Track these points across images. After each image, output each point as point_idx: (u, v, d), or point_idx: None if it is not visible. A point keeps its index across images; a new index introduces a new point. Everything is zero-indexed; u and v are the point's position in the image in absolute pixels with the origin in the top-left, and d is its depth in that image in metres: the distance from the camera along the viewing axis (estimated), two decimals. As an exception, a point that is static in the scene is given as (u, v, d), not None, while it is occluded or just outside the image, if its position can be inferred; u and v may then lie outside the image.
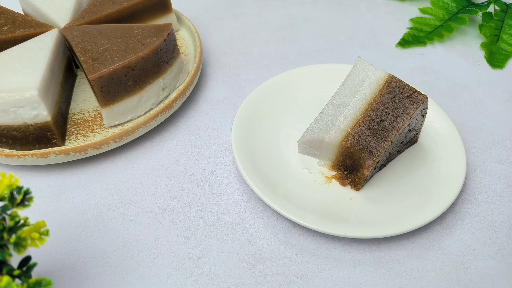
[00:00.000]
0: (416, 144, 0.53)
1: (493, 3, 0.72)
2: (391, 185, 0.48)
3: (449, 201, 0.45)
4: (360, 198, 0.47)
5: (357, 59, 0.50)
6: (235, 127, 0.52)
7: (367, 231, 0.43)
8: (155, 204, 0.48)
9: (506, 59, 0.68)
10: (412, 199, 0.46)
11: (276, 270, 0.43)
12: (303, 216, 0.44)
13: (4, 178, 0.31)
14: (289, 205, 0.45)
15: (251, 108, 0.55)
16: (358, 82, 0.49)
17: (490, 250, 0.44)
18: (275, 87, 0.58)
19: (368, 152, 0.45)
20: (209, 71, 0.65)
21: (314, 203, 0.46)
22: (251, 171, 0.47)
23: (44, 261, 0.43)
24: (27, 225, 0.31)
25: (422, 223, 0.43)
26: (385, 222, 0.44)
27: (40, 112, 0.47)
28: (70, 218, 0.47)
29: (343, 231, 0.43)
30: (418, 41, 0.71)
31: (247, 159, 0.49)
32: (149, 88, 0.53)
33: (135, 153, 0.54)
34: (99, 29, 0.55)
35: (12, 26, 0.56)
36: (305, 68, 0.60)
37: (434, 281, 0.42)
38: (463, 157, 0.49)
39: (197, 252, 0.44)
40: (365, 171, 0.45)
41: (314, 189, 0.48)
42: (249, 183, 0.46)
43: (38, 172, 0.51)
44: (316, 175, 0.49)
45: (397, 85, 0.48)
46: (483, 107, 0.60)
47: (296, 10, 0.78)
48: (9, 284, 0.27)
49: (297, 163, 0.51)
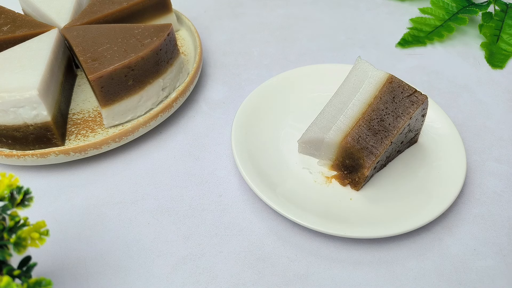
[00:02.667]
0: (416, 144, 0.53)
1: (493, 3, 0.72)
2: (391, 185, 0.48)
3: (449, 201, 0.45)
4: (360, 198, 0.47)
5: (357, 59, 0.50)
6: (235, 127, 0.52)
7: (367, 231, 0.43)
8: (155, 204, 0.48)
9: (506, 59, 0.68)
10: (412, 199, 0.46)
11: (276, 270, 0.43)
12: (303, 216, 0.44)
13: (4, 178, 0.31)
14: (289, 205, 0.45)
15: (251, 108, 0.55)
16: (358, 82, 0.49)
17: (490, 250, 0.44)
18: (275, 87, 0.58)
19: (368, 152, 0.45)
20: (209, 71, 0.65)
21: (314, 203, 0.46)
22: (251, 171, 0.47)
23: (44, 261, 0.43)
24: (27, 225, 0.31)
25: (422, 223, 0.43)
26: (385, 222, 0.44)
27: (40, 112, 0.47)
28: (70, 218, 0.47)
29: (343, 231, 0.43)
30: (418, 41, 0.71)
31: (247, 159, 0.49)
32: (149, 88, 0.53)
33: (135, 153, 0.54)
34: (99, 29, 0.55)
35: (12, 26, 0.56)
36: (305, 68, 0.60)
37: (434, 281, 0.42)
38: (463, 157, 0.49)
39: (197, 252, 0.44)
40: (365, 171, 0.45)
41: (314, 189, 0.48)
42: (249, 183, 0.46)
43: (38, 172, 0.51)
44: (316, 175, 0.49)
45: (397, 85, 0.48)
46: (483, 107, 0.60)
47: (296, 10, 0.78)
48: (9, 284, 0.27)
49: (297, 163, 0.51)
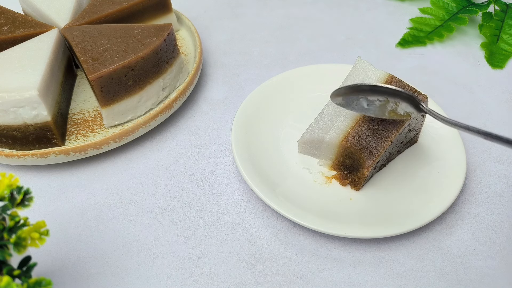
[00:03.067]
0: (416, 144, 0.53)
1: (493, 3, 0.72)
2: (391, 185, 0.48)
3: (449, 201, 0.45)
4: (360, 198, 0.47)
5: (357, 59, 0.50)
6: (235, 127, 0.52)
7: (367, 231, 0.43)
8: (155, 204, 0.48)
9: (506, 59, 0.67)
10: (412, 199, 0.46)
11: (276, 270, 0.43)
12: (303, 216, 0.44)
13: (4, 178, 0.31)
14: (289, 205, 0.45)
15: (251, 108, 0.55)
16: (358, 82, 0.49)
17: (490, 250, 0.44)
18: (275, 87, 0.58)
19: (368, 152, 0.45)
20: (209, 71, 0.65)
21: (314, 203, 0.46)
22: (251, 171, 0.47)
23: (44, 261, 0.43)
24: (27, 225, 0.31)
25: (422, 223, 0.43)
26: (385, 222, 0.44)
27: (40, 112, 0.47)
28: (70, 218, 0.47)
29: (343, 231, 0.43)
30: (418, 41, 0.70)
31: (247, 160, 0.49)
32: (149, 88, 0.53)
33: (135, 153, 0.54)
34: (99, 29, 0.55)
35: (12, 26, 0.56)
36: (305, 68, 0.60)
37: (434, 281, 0.42)
38: (463, 157, 0.49)
39: (197, 252, 0.44)
40: (365, 171, 0.45)
41: (314, 189, 0.48)
42: (249, 183, 0.46)
43: (38, 172, 0.51)
44: (316, 175, 0.49)
45: (397, 85, 0.48)
46: (483, 107, 0.60)
47: (296, 10, 0.78)
48: (9, 284, 0.27)
49: (297, 163, 0.51)
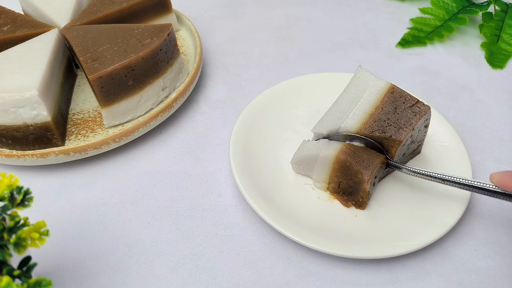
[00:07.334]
0: (420, 155, 0.51)
1: (493, 3, 0.72)
2: (395, 200, 0.47)
3: (456, 217, 0.43)
4: (365, 215, 0.46)
5: (357, 68, 0.49)
6: (232, 149, 0.50)
7: (375, 251, 0.41)
8: (155, 204, 0.48)
9: (506, 59, 0.67)
10: (418, 214, 0.45)
11: (276, 270, 0.43)
12: (308, 237, 0.42)
13: (4, 178, 0.31)
14: (294, 226, 0.43)
15: (249, 124, 0.53)
16: (358, 92, 0.48)
17: (490, 250, 0.44)
18: (274, 97, 0.56)
19: (365, 165, 0.43)
20: (209, 71, 0.65)
21: (318, 221, 0.44)
22: (253, 192, 0.46)
23: (44, 261, 0.43)
24: (27, 225, 0.31)
25: (430, 241, 0.42)
26: (393, 240, 0.43)
27: (40, 112, 0.47)
28: (70, 218, 0.47)
29: (351, 252, 0.41)
30: (418, 41, 0.70)
31: (247, 177, 0.47)
32: (149, 88, 0.53)
33: (135, 153, 0.54)
34: (99, 29, 0.55)
35: (12, 26, 0.56)
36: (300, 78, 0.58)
37: (434, 281, 0.42)
38: (468, 169, 0.48)
39: (197, 252, 0.44)
40: (365, 185, 0.43)
41: (318, 206, 0.46)
42: (252, 206, 0.44)
43: (38, 172, 0.51)
44: (319, 192, 0.48)
45: (399, 95, 0.46)
46: (483, 107, 0.60)
47: (296, 10, 0.78)
48: (9, 284, 0.27)
49: (299, 179, 0.49)
